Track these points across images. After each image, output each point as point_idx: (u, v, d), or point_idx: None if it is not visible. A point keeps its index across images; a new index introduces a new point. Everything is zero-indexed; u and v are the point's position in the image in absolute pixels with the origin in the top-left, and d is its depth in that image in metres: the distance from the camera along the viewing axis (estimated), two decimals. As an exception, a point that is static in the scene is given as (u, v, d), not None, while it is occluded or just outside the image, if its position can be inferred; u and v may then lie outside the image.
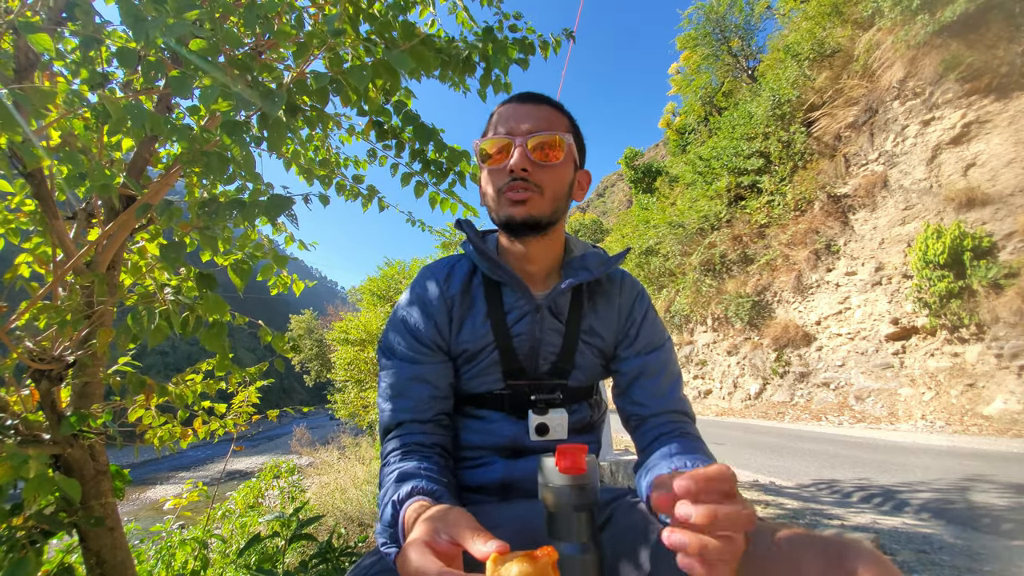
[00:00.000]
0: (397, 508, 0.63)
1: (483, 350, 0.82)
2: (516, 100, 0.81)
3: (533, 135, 0.75)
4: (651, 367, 0.84)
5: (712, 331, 14.40)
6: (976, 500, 3.48)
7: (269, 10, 0.88)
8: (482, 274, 0.85)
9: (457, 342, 0.82)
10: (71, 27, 0.95)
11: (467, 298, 0.84)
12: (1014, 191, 7.98)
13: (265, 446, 21.75)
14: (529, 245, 0.81)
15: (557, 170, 0.77)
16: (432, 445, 0.77)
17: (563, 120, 0.81)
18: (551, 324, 0.83)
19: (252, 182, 1.02)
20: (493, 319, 0.82)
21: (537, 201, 0.76)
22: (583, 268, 0.84)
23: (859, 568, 0.46)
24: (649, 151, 33.96)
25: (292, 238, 1.97)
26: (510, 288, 0.83)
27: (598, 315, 0.86)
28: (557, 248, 0.86)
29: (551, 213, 0.78)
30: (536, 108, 0.79)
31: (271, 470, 3.60)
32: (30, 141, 0.78)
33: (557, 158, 0.76)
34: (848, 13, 11.74)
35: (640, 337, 0.86)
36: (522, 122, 0.77)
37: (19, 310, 1.00)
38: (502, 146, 0.77)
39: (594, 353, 0.86)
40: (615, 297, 0.88)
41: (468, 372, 0.83)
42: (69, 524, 1.03)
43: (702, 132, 19.12)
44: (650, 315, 0.89)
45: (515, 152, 0.75)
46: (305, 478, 5.17)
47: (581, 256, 0.86)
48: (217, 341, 1.01)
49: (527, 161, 0.75)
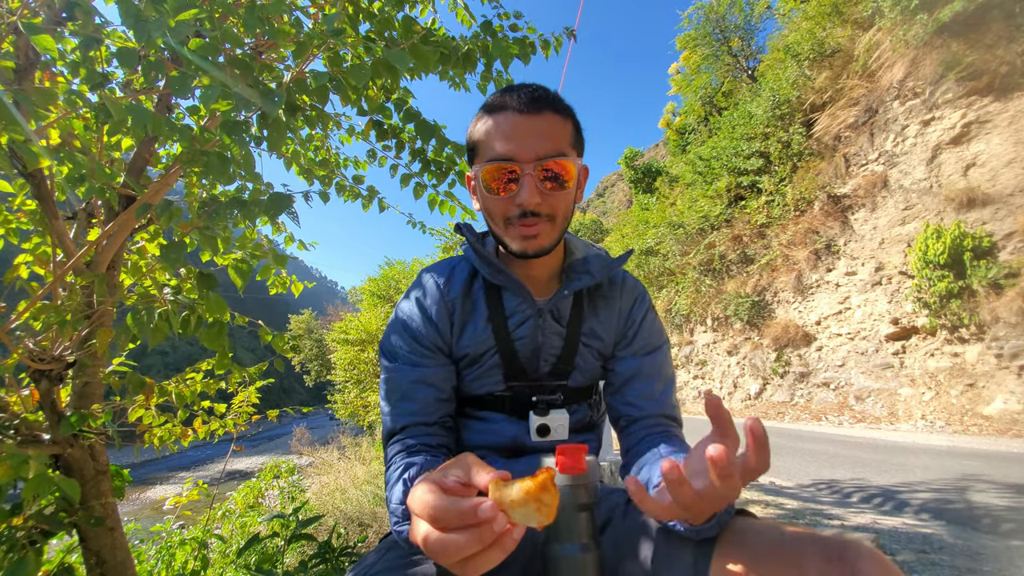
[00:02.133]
0: (408, 485, 0.64)
1: (484, 354, 0.82)
2: (517, 108, 0.71)
3: (542, 160, 0.69)
4: (646, 369, 0.84)
5: (712, 331, 14.40)
6: (976, 500, 3.48)
7: (272, 12, 0.88)
8: (483, 277, 0.84)
9: (459, 346, 0.82)
10: (71, 27, 0.95)
11: (468, 301, 0.83)
12: (1014, 191, 7.98)
13: (265, 446, 21.75)
14: (529, 262, 0.81)
15: (567, 194, 0.74)
16: (438, 446, 0.76)
17: (567, 127, 0.74)
18: (552, 327, 0.83)
19: (252, 182, 1.02)
20: (495, 323, 0.81)
21: (548, 232, 0.74)
22: (585, 272, 0.83)
23: (860, 566, 0.46)
24: (649, 151, 33.95)
25: (292, 238, 1.97)
26: (511, 292, 0.82)
27: (599, 318, 0.86)
28: (557, 256, 0.85)
29: (559, 237, 0.77)
30: (540, 119, 0.71)
31: (271, 470, 3.60)
32: (30, 141, 0.78)
33: (568, 184, 0.73)
34: (848, 13, 11.75)
35: (638, 338, 0.86)
36: (528, 141, 0.70)
37: (19, 310, 1.00)
38: (508, 174, 0.71)
39: (594, 355, 0.86)
40: (616, 299, 0.87)
41: (469, 375, 0.83)
42: (69, 524, 1.03)
43: (702, 132, 19.13)
44: (649, 317, 0.88)
45: (524, 185, 0.69)
46: (305, 478, 5.17)
47: (583, 259, 0.85)
48: (217, 340, 1.01)
49: (538, 194, 0.70)
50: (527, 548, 0.69)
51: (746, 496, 3.92)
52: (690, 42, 19.73)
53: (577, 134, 0.78)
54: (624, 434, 0.84)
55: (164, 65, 0.87)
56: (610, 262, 0.86)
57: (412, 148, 1.67)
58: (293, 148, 1.72)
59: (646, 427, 0.81)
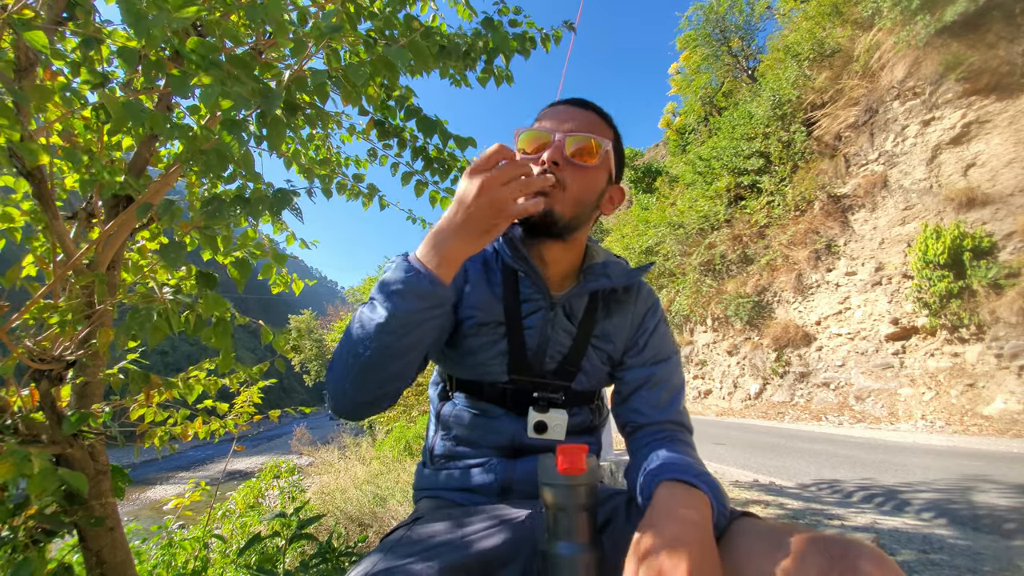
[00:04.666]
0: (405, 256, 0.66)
1: (490, 325, 0.81)
2: (565, 103, 0.80)
3: (573, 133, 0.75)
4: (655, 379, 0.84)
5: (712, 331, 14.40)
6: (976, 500, 3.48)
7: (272, 11, 0.88)
8: (502, 260, 0.84)
9: (467, 303, 0.81)
10: (71, 27, 0.95)
11: (487, 269, 0.84)
12: (1014, 191, 7.98)
13: (265, 446, 21.73)
14: (548, 251, 0.81)
15: (588, 173, 0.76)
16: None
17: (608, 130, 0.80)
18: (563, 324, 0.83)
19: (252, 181, 1.02)
20: (507, 304, 0.81)
21: (559, 196, 0.74)
22: (604, 275, 0.83)
23: (861, 565, 0.46)
24: (649, 151, 33.91)
25: (293, 236, 1.97)
26: (528, 280, 0.82)
27: (612, 321, 0.86)
28: (576, 254, 0.84)
29: (571, 217, 0.76)
30: (583, 112, 0.79)
31: (271, 470, 3.60)
32: (30, 139, 0.78)
33: (591, 160, 0.75)
34: (848, 13, 11.74)
35: (648, 347, 0.86)
36: (565, 121, 0.77)
37: (20, 310, 1.00)
38: (541, 140, 0.76)
39: (603, 359, 0.86)
40: (631, 305, 0.88)
41: (474, 346, 0.81)
42: (69, 524, 1.03)
43: (702, 132, 19.11)
44: (661, 327, 0.88)
45: (551, 147, 0.74)
46: (305, 478, 5.16)
47: (603, 263, 0.85)
48: (222, 339, 1.01)
49: (560, 155, 0.74)
50: (527, 548, 0.69)
51: (747, 496, 3.92)
52: (690, 42, 19.71)
53: (618, 147, 0.83)
54: (630, 440, 0.84)
55: (164, 64, 0.87)
56: (630, 271, 0.87)
57: (414, 146, 1.67)
58: (294, 147, 1.72)
59: (651, 432, 0.81)
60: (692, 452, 0.76)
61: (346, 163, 1.97)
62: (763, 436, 7.96)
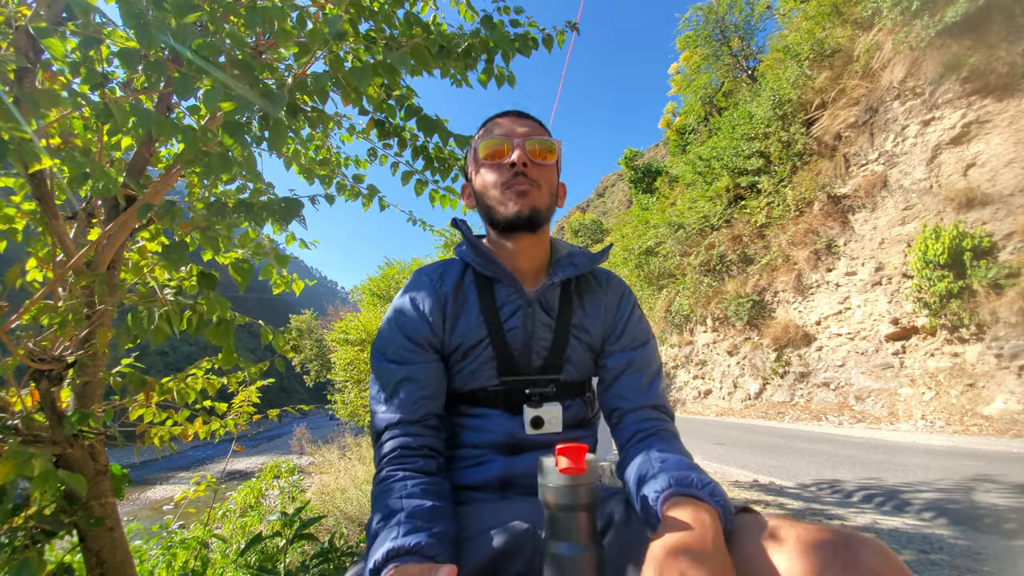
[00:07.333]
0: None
1: (477, 345, 0.84)
2: (509, 114, 0.89)
3: (530, 137, 0.83)
4: (636, 363, 0.88)
5: (712, 331, 14.40)
6: (977, 500, 3.48)
7: (273, 15, 0.88)
8: (474, 271, 0.89)
9: (451, 339, 0.85)
10: (71, 27, 0.95)
11: (460, 295, 0.87)
12: (1014, 191, 7.98)
13: (265, 446, 21.73)
14: (520, 243, 0.86)
15: (550, 170, 0.86)
16: (420, 447, 0.77)
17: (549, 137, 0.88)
18: (542, 319, 0.87)
19: (253, 182, 1.02)
20: (486, 314, 0.85)
21: (537, 194, 0.82)
22: (570, 264, 0.88)
23: (864, 556, 0.46)
24: (649, 151, 33.94)
25: (293, 237, 1.97)
26: (502, 284, 0.86)
27: (586, 311, 0.90)
28: (545, 247, 0.90)
29: (546, 209, 0.84)
30: (528, 120, 0.88)
31: (271, 470, 3.60)
32: (31, 141, 0.78)
33: (551, 159, 0.85)
34: (848, 13, 11.73)
35: (626, 333, 0.90)
36: (517, 128, 0.85)
37: (20, 310, 1.00)
38: (501, 146, 0.84)
39: (584, 348, 0.89)
40: (602, 295, 0.93)
41: (463, 368, 0.85)
42: (69, 524, 1.03)
43: (702, 132, 19.11)
44: (636, 313, 0.93)
45: (515, 149, 0.82)
46: (305, 478, 5.17)
47: (567, 254, 0.91)
48: (224, 337, 1.01)
49: (527, 157, 0.82)
50: (527, 548, 0.69)
51: (747, 496, 3.92)
52: (690, 42, 19.70)
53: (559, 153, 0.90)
54: (616, 430, 0.86)
55: (165, 65, 0.87)
56: (593, 255, 0.93)
57: (414, 145, 1.67)
58: (293, 148, 1.72)
59: (637, 421, 0.83)
60: (680, 445, 0.78)
61: (346, 163, 1.97)
62: (763, 436, 7.96)
